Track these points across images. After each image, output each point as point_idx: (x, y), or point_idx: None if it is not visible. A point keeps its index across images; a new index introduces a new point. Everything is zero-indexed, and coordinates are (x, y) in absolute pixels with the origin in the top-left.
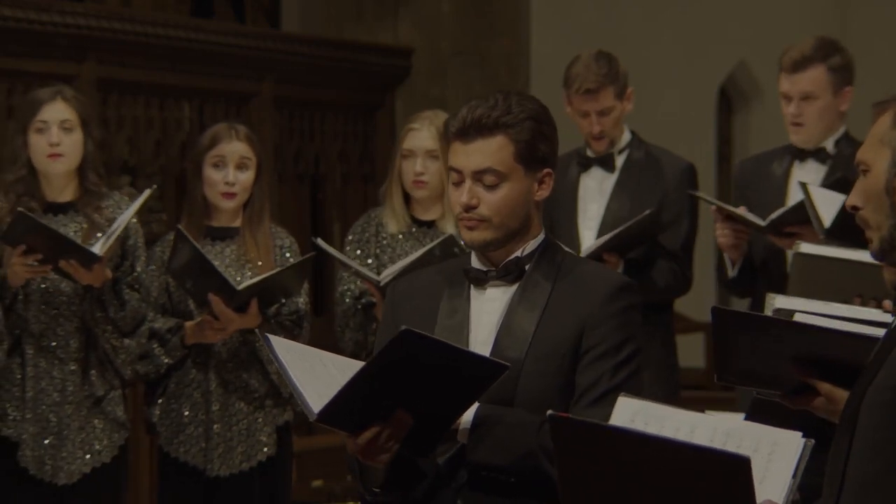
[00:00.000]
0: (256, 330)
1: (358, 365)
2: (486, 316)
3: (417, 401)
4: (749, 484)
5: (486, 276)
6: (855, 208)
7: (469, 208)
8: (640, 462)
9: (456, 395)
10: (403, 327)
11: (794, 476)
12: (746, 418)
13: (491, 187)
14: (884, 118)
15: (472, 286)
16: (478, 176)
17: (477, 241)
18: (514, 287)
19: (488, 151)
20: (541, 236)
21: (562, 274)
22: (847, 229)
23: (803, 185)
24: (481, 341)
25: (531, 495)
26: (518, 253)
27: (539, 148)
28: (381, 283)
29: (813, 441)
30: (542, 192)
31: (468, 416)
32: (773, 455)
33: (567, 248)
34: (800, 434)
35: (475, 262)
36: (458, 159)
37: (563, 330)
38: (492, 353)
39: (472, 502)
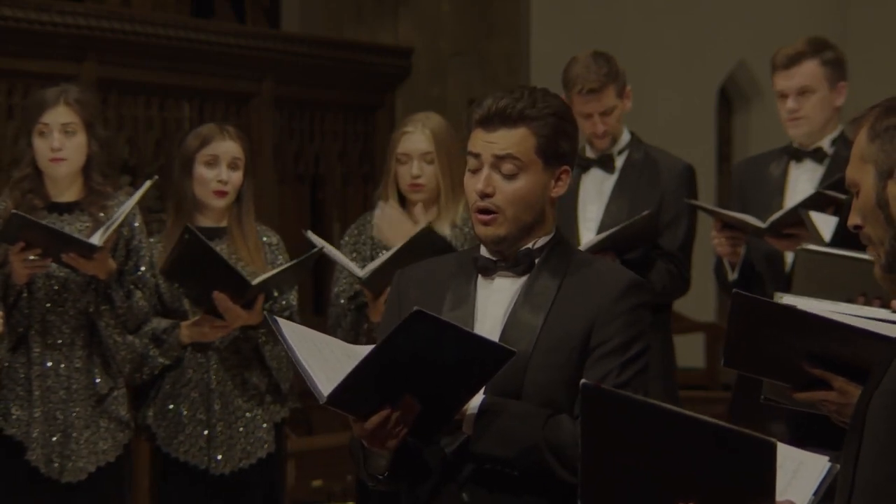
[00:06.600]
0: (265, 313)
1: (361, 350)
2: (492, 306)
3: (425, 385)
4: (772, 468)
5: (496, 265)
6: (857, 227)
7: (484, 196)
8: (668, 437)
9: (462, 381)
10: (415, 308)
11: (816, 494)
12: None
13: (509, 177)
14: (860, 135)
15: (479, 275)
16: (497, 162)
17: (490, 236)
18: (523, 279)
19: (510, 141)
20: (553, 232)
21: (571, 269)
22: (848, 242)
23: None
24: (486, 331)
25: (536, 492)
26: (530, 245)
27: (560, 144)
28: (363, 278)
29: (839, 466)
30: (559, 190)
31: (473, 405)
32: (798, 473)
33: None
34: (826, 458)
35: (484, 251)
36: (479, 145)
37: (572, 325)
38: None
39: (476, 496)
